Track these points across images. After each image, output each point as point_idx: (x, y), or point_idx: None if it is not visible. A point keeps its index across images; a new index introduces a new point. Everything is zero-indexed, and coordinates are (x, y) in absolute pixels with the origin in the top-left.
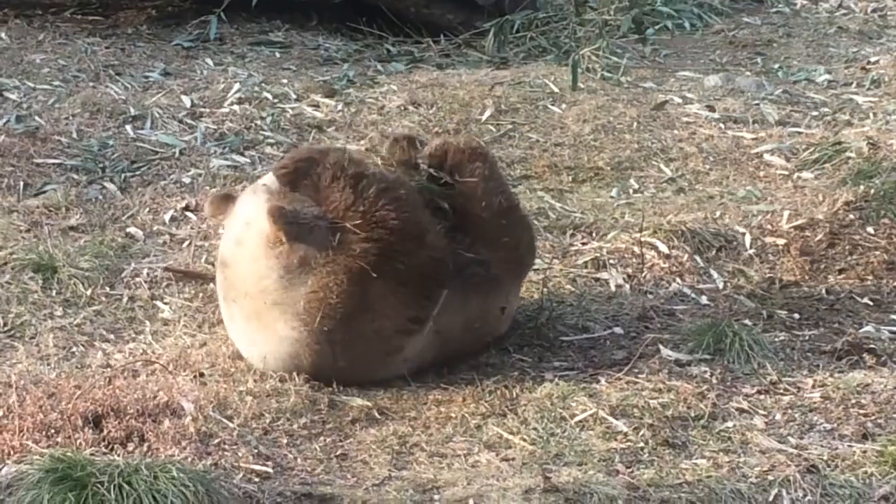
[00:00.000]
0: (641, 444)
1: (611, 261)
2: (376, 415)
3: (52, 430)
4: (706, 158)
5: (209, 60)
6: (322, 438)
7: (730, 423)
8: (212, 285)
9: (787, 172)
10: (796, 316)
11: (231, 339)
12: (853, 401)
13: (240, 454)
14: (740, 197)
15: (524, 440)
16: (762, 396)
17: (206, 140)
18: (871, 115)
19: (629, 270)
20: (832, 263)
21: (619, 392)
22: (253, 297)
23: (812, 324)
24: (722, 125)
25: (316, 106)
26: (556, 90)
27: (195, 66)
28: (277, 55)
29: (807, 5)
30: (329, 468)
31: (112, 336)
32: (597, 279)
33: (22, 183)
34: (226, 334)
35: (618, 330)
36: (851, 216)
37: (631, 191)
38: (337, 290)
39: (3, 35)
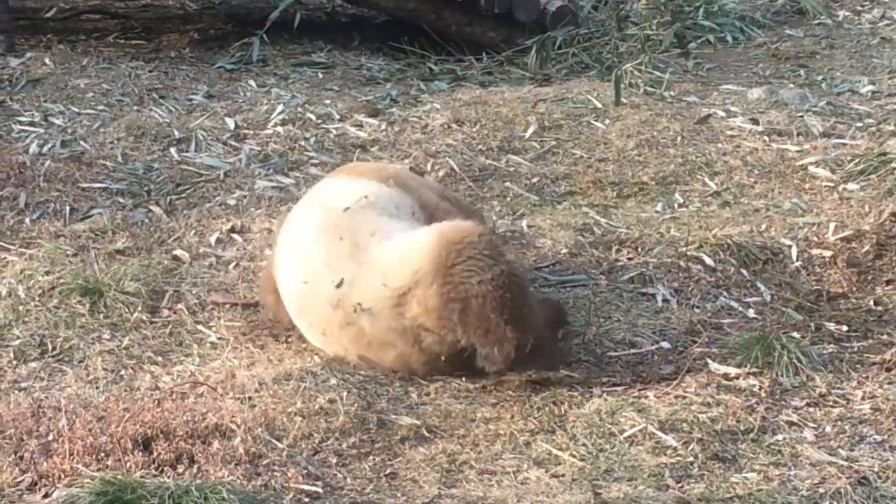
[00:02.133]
0: (691, 459)
1: (657, 275)
2: (425, 433)
3: (103, 454)
4: (751, 171)
5: (252, 82)
6: (371, 457)
7: (780, 437)
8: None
9: (832, 184)
10: (844, 328)
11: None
12: None
13: (289, 474)
14: (786, 209)
15: (573, 456)
16: (812, 409)
17: (251, 161)
18: None
19: (676, 285)
20: (879, 274)
21: (667, 407)
22: None
23: (860, 335)
24: (766, 138)
25: (360, 126)
26: (599, 106)
27: (238, 88)
28: (320, 76)
29: (849, 16)
30: (379, 487)
31: (160, 358)
32: (643, 294)
33: (68, 207)
34: (271, 356)
35: (665, 344)
36: None
37: (676, 205)
38: None
39: (47, 61)
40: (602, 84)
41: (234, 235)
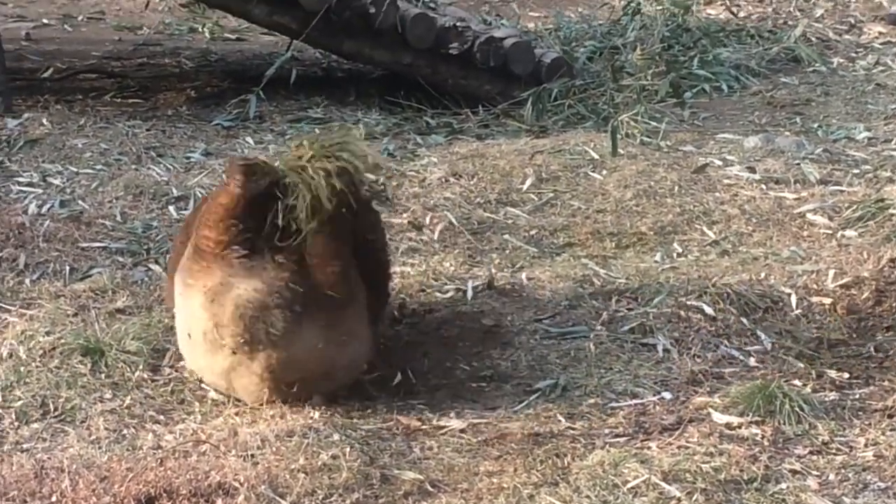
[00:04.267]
0: None
1: (657, 325)
2: (428, 487)
3: None
4: (749, 220)
5: (249, 139)
6: None
7: (783, 485)
8: None
9: (830, 231)
10: (846, 375)
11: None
12: None
13: None
14: (784, 257)
15: None
16: (815, 457)
17: None
18: None
19: (676, 334)
20: (880, 321)
21: (670, 457)
22: None
23: (862, 382)
24: (763, 186)
25: None
26: (596, 157)
27: (236, 144)
28: (317, 131)
29: (844, 63)
30: None
31: (162, 417)
32: (644, 344)
33: (68, 267)
34: (273, 412)
35: (667, 395)
36: None
37: (675, 255)
38: None
39: (44, 121)
40: (599, 135)
41: None
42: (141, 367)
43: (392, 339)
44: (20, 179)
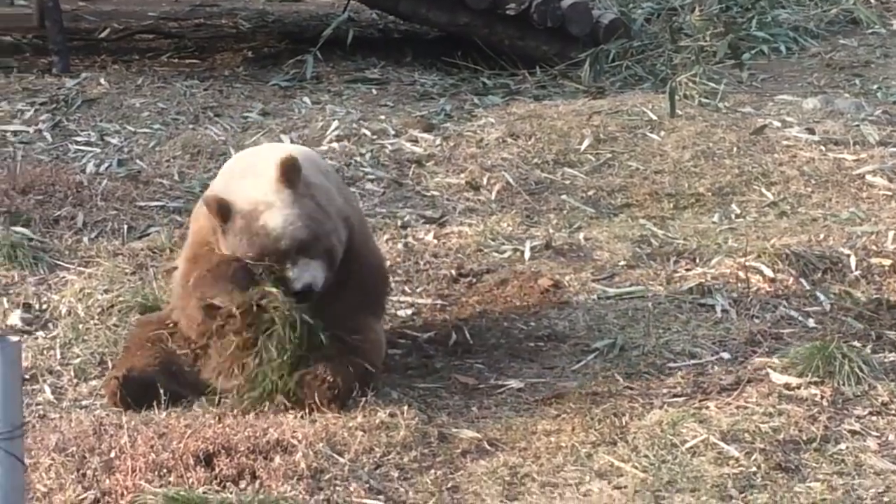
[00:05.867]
0: (754, 469)
1: (716, 286)
2: (486, 446)
3: (165, 470)
4: (808, 181)
5: (307, 99)
6: (433, 471)
7: (843, 446)
8: None
9: (889, 193)
10: None
11: None
12: None
13: (351, 489)
14: (844, 219)
15: (635, 468)
16: (874, 418)
17: None
18: None
19: (735, 295)
20: None
21: (729, 417)
22: None
23: None
24: (822, 147)
25: (415, 141)
26: (654, 118)
27: (293, 105)
28: (374, 92)
29: None
30: (441, 501)
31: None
32: (702, 305)
33: (126, 226)
34: None
35: (725, 355)
36: None
37: (733, 216)
38: None
39: (102, 81)
40: (656, 96)
41: None
42: None
43: (449, 298)
44: (78, 139)
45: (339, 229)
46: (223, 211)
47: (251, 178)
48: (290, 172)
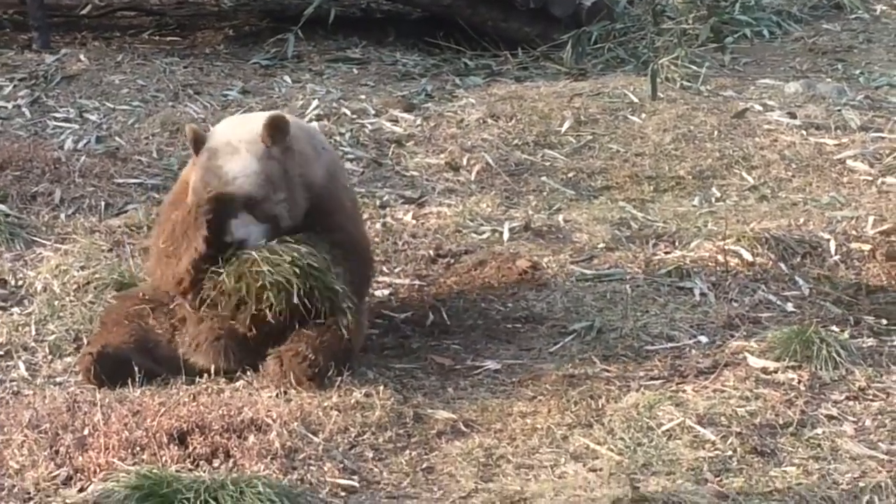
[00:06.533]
0: (730, 453)
1: (694, 269)
2: (462, 427)
3: (138, 448)
4: (788, 165)
5: (287, 78)
6: (408, 452)
7: (819, 430)
8: None
9: (870, 178)
10: (884, 321)
11: None
12: None
13: (325, 469)
14: (824, 203)
15: (611, 450)
16: (851, 403)
17: None
18: None
19: (713, 279)
20: None
21: (705, 401)
22: None
23: None
24: (804, 132)
25: (395, 121)
26: (635, 100)
27: (273, 83)
28: (355, 71)
29: (886, 10)
30: (415, 482)
31: None
32: (681, 288)
33: (103, 203)
34: None
35: (703, 338)
36: None
37: (713, 199)
38: None
39: (82, 57)
40: (638, 79)
41: None
42: None
43: (427, 279)
44: (56, 115)
45: (295, 202)
46: (197, 142)
47: (238, 125)
48: (274, 130)
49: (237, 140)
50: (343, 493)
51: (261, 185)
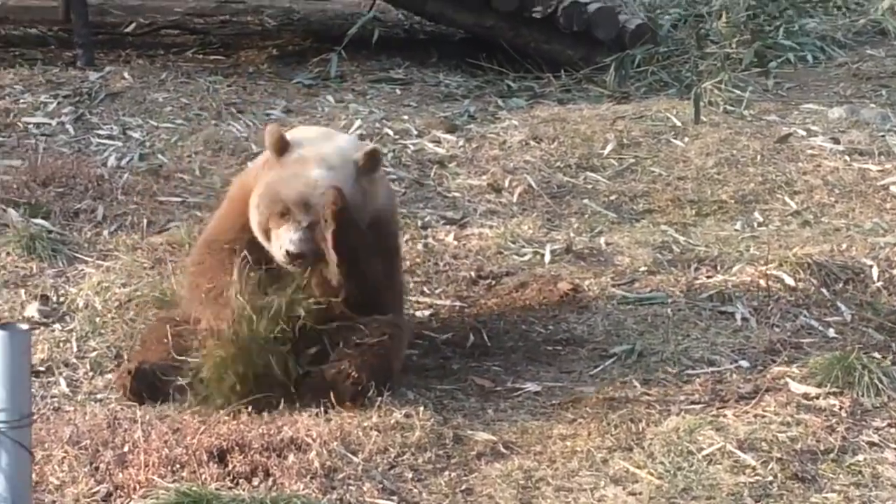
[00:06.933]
0: (770, 479)
1: (736, 294)
2: (501, 449)
3: (178, 465)
4: (831, 191)
5: (330, 98)
6: (447, 473)
7: (860, 457)
8: None
9: None
10: None
11: None
12: None
13: (364, 489)
14: (867, 229)
15: (651, 474)
16: (893, 429)
17: None
18: None
19: (755, 303)
20: None
21: (746, 426)
22: None
23: None
24: (847, 157)
25: (437, 141)
26: (678, 124)
27: (316, 103)
28: (398, 92)
29: None
30: (454, 503)
31: None
32: (722, 312)
33: (146, 220)
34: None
35: (744, 363)
36: None
37: (755, 224)
38: None
39: (126, 75)
40: (681, 102)
41: None
42: None
43: (468, 300)
44: (100, 132)
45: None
46: (282, 143)
47: (323, 139)
48: (373, 161)
49: (331, 155)
50: None
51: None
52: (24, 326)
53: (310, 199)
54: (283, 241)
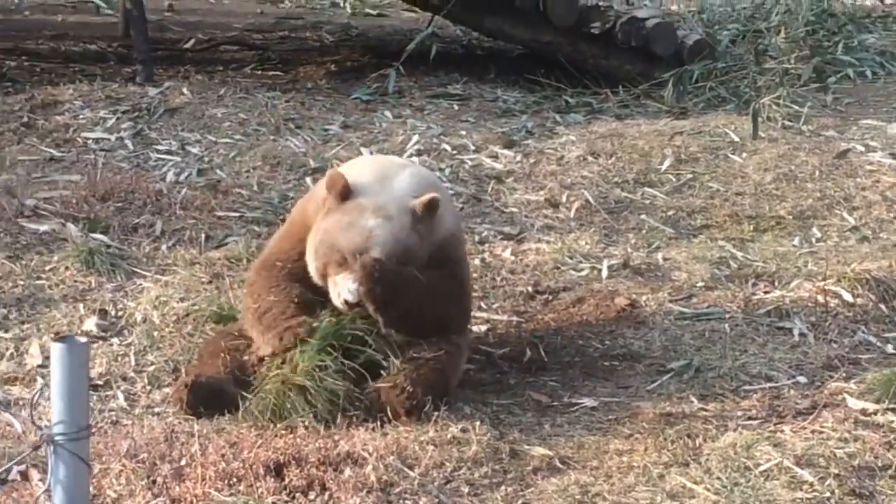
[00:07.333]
0: (828, 495)
1: (794, 309)
2: (558, 464)
3: (235, 479)
4: (890, 207)
5: (388, 113)
6: (503, 488)
7: None
8: None
9: None
10: None
11: None
12: None
13: (421, 503)
14: None
15: (708, 490)
16: None
17: None
18: None
19: (813, 319)
20: None
21: (803, 441)
22: None
23: None
24: None
25: (495, 157)
26: (736, 139)
27: (374, 118)
28: (456, 107)
29: None
30: None
31: None
32: (780, 328)
33: (204, 235)
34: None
35: (802, 379)
36: None
37: (814, 239)
38: None
39: (185, 90)
40: (739, 118)
41: None
42: None
43: (525, 315)
44: (159, 147)
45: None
46: (344, 191)
47: (383, 183)
48: (430, 210)
49: (389, 203)
50: None
51: (401, 256)
52: (83, 339)
53: (365, 250)
54: (341, 289)
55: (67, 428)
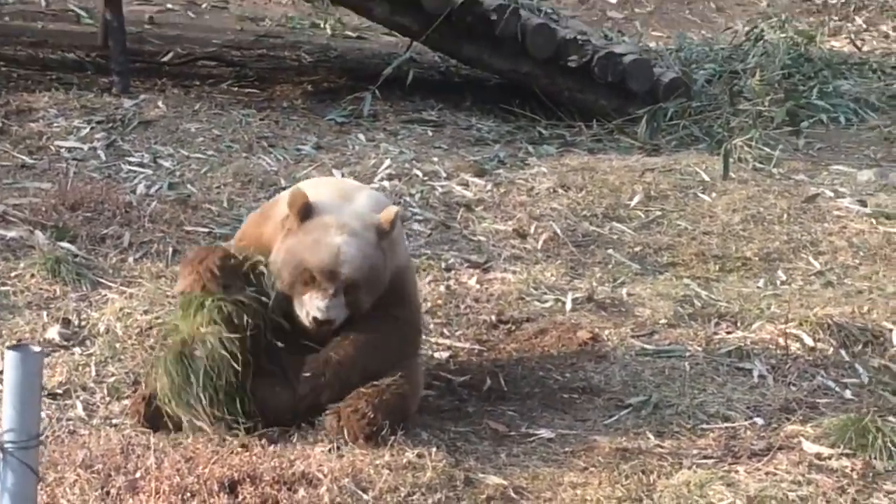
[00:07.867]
0: None
1: (755, 351)
2: (511, 494)
3: (189, 494)
4: (856, 253)
5: (361, 136)
6: None
7: None
8: None
9: None
10: None
11: None
12: None
13: None
14: (889, 293)
15: None
16: None
17: None
18: None
19: (773, 361)
20: None
21: (757, 483)
22: None
23: None
24: (873, 220)
25: (465, 185)
26: (706, 179)
27: (347, 140)
28: (430, 133)
29: None
30: None
31: None
32: (740, 368)
33: (171, 249)
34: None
35: (759, 420)
36: None
37: (778, 282)
38: None
39: (160, 104)
40: (711, 157)
41: None
42: None
43: (487, 344)
44: (131, 159)
45: (379, 291)
46: (305, 209)
47: (343, 201)
48: (393, 224)
49: (353, 220)
50: None
51: (367, 271)
52: (37, 348)
53: (335, 267)
54: (310, 308)
55: (17, 436)
